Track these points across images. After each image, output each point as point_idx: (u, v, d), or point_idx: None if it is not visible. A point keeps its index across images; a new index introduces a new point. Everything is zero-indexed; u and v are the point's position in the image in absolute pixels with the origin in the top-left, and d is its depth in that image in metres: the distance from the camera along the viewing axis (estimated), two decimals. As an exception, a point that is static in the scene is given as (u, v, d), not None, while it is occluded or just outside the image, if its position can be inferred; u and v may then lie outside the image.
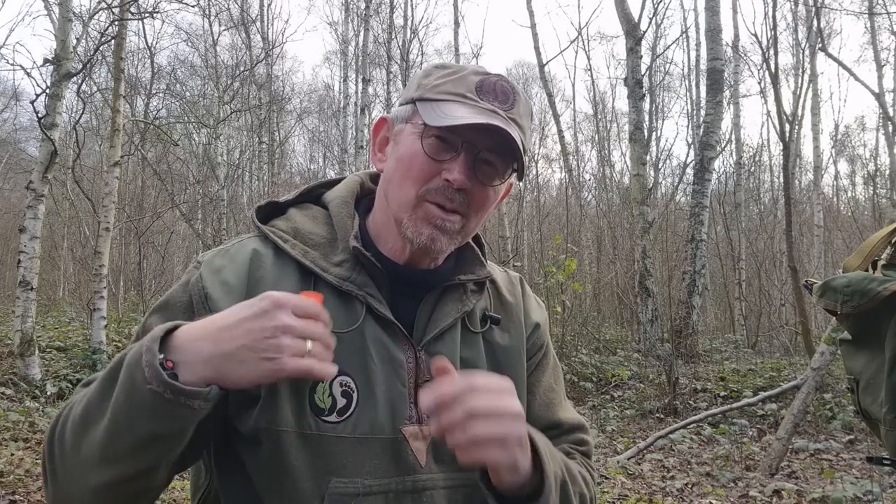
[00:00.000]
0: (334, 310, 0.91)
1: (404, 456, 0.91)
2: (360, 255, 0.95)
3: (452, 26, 18.59)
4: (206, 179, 15.04)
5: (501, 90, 0.95)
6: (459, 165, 0.92)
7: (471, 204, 0.94)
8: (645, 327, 10.20)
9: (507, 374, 1.00)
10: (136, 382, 0.73)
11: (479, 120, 0.90)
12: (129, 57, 14.00)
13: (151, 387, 0.72)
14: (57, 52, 6.88)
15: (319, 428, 0.88)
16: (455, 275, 1.02)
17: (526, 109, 0.98)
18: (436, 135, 0.92)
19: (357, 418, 0.89)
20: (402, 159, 0.95)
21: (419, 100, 0.96)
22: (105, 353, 7.28)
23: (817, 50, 11.29)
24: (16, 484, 3.96)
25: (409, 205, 0.94)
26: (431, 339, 0.97)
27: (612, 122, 23.37)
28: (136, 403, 0.73)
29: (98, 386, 0.78)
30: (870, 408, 1.66)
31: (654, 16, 15.42)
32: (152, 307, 0.96)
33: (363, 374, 0.91)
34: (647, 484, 4.65)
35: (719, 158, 13.97)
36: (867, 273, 1.67)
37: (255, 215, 1.02)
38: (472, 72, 0.96)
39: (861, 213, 18.09)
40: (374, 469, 0.89)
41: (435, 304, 1.00)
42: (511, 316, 1.08)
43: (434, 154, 0.93)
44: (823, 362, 5.22)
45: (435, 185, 0.93)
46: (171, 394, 0.72)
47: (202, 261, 0.96)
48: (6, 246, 16.92)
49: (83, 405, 0.79)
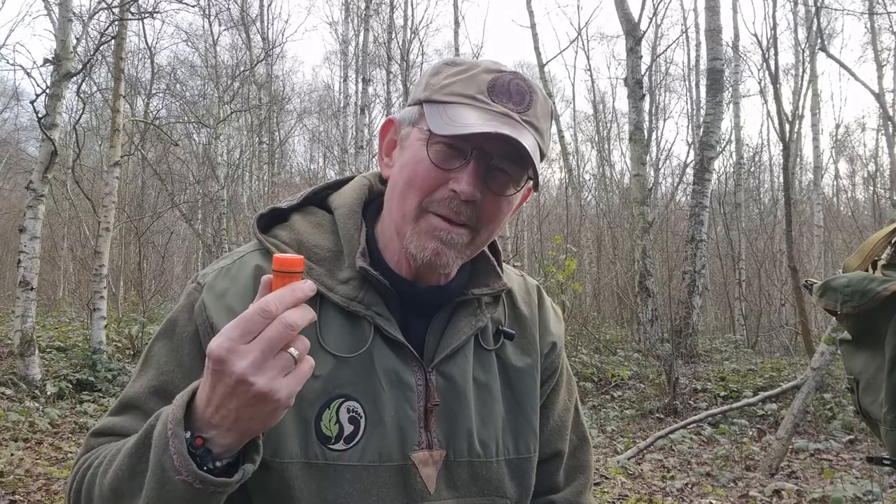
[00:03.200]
0: (341, 332, 0.88)
1: (413, 483, 0.88)
2: (368, 274, 0.90)
3: (452, 26, 18.59)
4: (206, 179, 15.04)
5: (517, 90, 0.87)
6: (468, 175, 0.84)
7: (481, 216, 0.87)
8: (645, 327, 10.20)
9: (519, 397, 0.99)
10: (166, 471, 0.69)
11: (487, 129, 0.82)
12: (129, 57, 14.01)
13: (181, 477, 0.69)
14: (57, 52, 6.88)
15: (326, 456, 0.85)
16: (469, 288, 0.96)
17: (544, 109, 0.90)
18: (443, 141, 0.85)
19: (364, 445, 0.86)
20: (405, 167, 0.88)
21: (426, 101, 0.88)
22: (105, 353, 7.28)
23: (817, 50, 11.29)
24: (16, 484, 3.96)
25: (412, 216, 0.87)
26: (443, 359, 0.92)
27: (612, 122, 23.38)
28: (168, 492, 0.70)
29: (127, 460, 0.75)
30: (870, 408, 1.66)
31: (654, 16, 15.44)
32: (157, 332, 0.92)
33: (371, 399, 0.87)
34: (647, 484, 4.65)
35: (719, 158, 13.99)
36: (867, 273, 1.67)
37: (257, 224, 0.96)
38: (483, 69, 0.88)
39: (861, 213, 18.10)
40: (381, 498, 0.86)
41: (447, 321, 0.94)
42: (525, 332, 1.02)
43: (441, 162, 0.85)
44: (823, 362, 5.22)
45: (440, 196, 0.85)
46: (202, 484, 0.69)
47: (203, 283, 0.90)
48: (6, 246, 16.93)
49: (112, 477, 0.76)
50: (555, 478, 1.06)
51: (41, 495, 3.87)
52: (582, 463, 1.10)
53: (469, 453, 0.92)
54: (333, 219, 0.96)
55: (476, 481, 0.93)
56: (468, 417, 0.93)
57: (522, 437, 0.98)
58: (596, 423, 6.60)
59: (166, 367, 0.88)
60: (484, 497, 0.93)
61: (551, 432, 1.04)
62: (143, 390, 0.88)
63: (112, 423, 0.88)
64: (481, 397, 0.95)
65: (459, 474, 0.92)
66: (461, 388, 0.93)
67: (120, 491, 0.75)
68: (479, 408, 0.94)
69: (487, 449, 0.94)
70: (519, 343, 1.00)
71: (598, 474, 4.76)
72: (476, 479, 0.93)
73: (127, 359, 8.04)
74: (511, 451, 0.96)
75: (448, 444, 0.91)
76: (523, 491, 0.97)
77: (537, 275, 9.83)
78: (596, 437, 6.09)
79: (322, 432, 0.85)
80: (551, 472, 1.05)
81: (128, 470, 0.74)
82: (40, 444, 4.94)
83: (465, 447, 0.92)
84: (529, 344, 1.01)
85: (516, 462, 0.97)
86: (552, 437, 1.05)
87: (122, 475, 0.75)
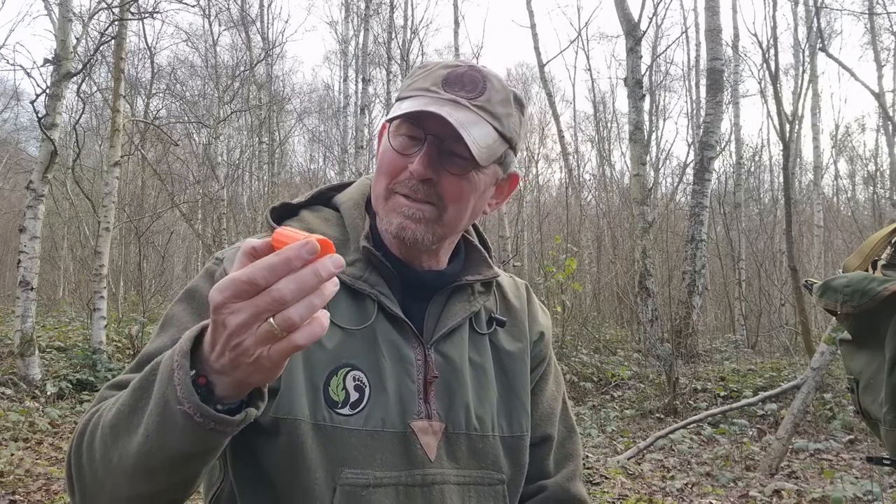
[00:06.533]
0: (347, 308, 0.95)
1: (413, 450, 0.93)
2: (371, 255, 0.98)
3: (452, 26, 18.60)
4: (206, 179, 15.03)
5: (470, 79, 0.95)
6: (420, 157, 0.94)
7: (443, 195, 0.95)
8: (645, 327, 10.19)
9: (512, 379, 1.05)
10: (168, 403, 0.69)
11: (415, 108, 0.91)
12: (129, 57, 13.98)
13: (183, 408, 0.68)
14: (57, 52, 6.88)
15: (333, 420, 0.90)
16: (462, 276, 1.05)
17: (502, 96, 0.96)
18: (405, 133, 0.95)
19: (369, 412, 0.92)
20: (378, 157, 1.00)
21: (397, 99, 1.00)
22: (105, 353, 7.28)
23: (817, 50, 11.29)
24: (16, 484, 3.96)
25: (382, 197, 0.98)
26: (440, 337, 1.00)
27: (612, 122, 23.40)
28: (168, 423, 0.70)
29: (130, 395, 0.75)
30: (870, 408, 1.66)
31: (654, 16, 15.42)
32: (175, 300, 0.97)
33: (374, 369, 0.94)
34: (647, 484, 4.65)
35: (719, 158, 13.99)
36: (867, 273, 1.67)
37: (270, 215, 1.04)
38: (442, 66, 0.97)
39: (861, 213, 18.10)
40: (385, 461, 0.91)
41: (444, 304, 1.03)
42: (516, 321, 1.10)
43: (401, 149, 0.96)
44: (823, 362, 5.22)
45: (402, 178, 0.96)
46: (202, 418, 0.68)
47: (223, 257, 0.98)
48: (6, 246, 16.94)
49: (114, 413, 0.76)
50: (545, 463, 1.10)
51: (41, 495, 3.87)
52: (571, 452, 1.15)
53: (467, 426, 0.98)
54: (339, 215, 1.05)
55: (474, 455, 0.99)
56: (465, 394, 0.99)
57: (516, 417, 1.04)
58: (596, 423, 6.60)
59: (187, 325, 0.89)
60: (482, 470, 0.99)
61: (540, 417, 1.10)
62: (162, 346, 0.90)
63: (129, 377, 0.89)
64: (476, 376, 1.02)
65: (459, 446, 0.98)
66: (458, 366, 1.00)
67: (119, 427, 0.75)
68: (475, 386, 1.01)
69: (484, 424, 1.00)
70: (510, 330, 1.08)
71: (598, 474, 4.76)
72: (474, 453, 0.99)
73: (127, 359, 8.03)
74: (505, 430, 1.02)
75: (447, 418, 0.97)
76: (517, 469, 1.02)
77: (537, 275, 9.84)
78: (596, 437, 6.09)
79: (330, 397, 0.91)
80: (542, 458, 1.10)
81: (130, 405, 0.75)
82: (40, 445, 4.94)
83: (463, 420, 0.98)
84: (519, 331, 1.09)
85: (510, 440, 1.02)
86: (541, 422, 1.10)
87: (123, 411, 0.75)
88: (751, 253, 13.75)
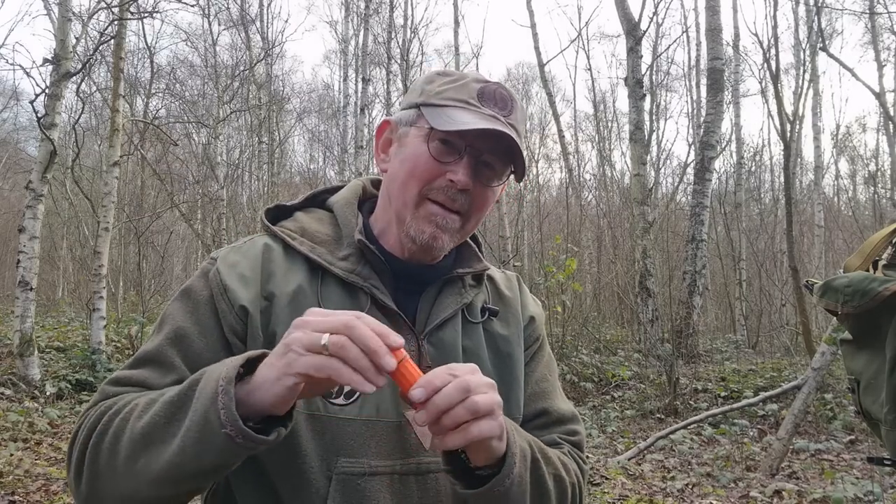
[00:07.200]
0: (341, 301, 0.98)
1: (407, 439, 0.95)
2: (365, 249, 1.01)
3: (452, 26, 18.63)
4: (205, 179, 15.02)
5: (500, 97, 1.00)
6: (464, 168, 0.97)
7: (472, 204, 1.00)
8: (645, 327, 10.18)
9: (506, 360, 1.08)
10: (210, 423, 0.76)
11: (485, 125, 0.95)
12: (128, 57, 14.00)
13: (226, 431, 0.75)
14: (56, 51, 6.88)
15: (327, 410, 0.92)
16: (454, 269, 1.08)
17: (522, 115, 1.04)
18: (441, 138, 0.97)
19: (363, 402, 0.94)
20: (406, 160, 1.00)
21: (424, 105, 1.01)
22: (104, 354, 7.28)
23: (818, 49, 11.28)
24: (15, 484, 3.96)
25: (412, 203, 0.99)
26: (433, 328, 1.02)
27: (612, 122, 23.40)
28: (208, 442, 0.76)
29: (165, 408, 0.81)
30: (870, 408, 1.65)
31: (655, 15, 15.41)
32: (172, 299, 1.00)
33: None
34: (647, 484, 4.64)
35: (720, 158, 13.99)
36: (868, 273, 1.66)
37: (265, 215, 1.08)
38: (473, 79, 1.02)
39: (862, 213, 18.10)
40: (379, 450, 0.93)
41: (435, 296, 1.05)
42: (509, 308, 1.13)
43: (439, 156, 0.98)
44: (824, 362, 5.21)
45: (438, 185, 0.98)
46: (243, 439, 0.76)
47: (217, 257, 1.01)
48: (6, 246, 16.94)
49: (146, 422, 0.81)
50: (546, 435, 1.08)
51: (40, 495, 3.86)
52: None
53: None
54: (332, 216, 1.08)
55: None
56: None
57: (514, 398, 1.06)
58: (596, 423, 6.60)
59: (183, 323, 0.95)
60: None
61: (530, 396, 1.10)
62: (160, 344, 0.94)
63: (129, 374, 0.94)
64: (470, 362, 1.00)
65: None
66: (451, 354, 1.02)
67: (152, 436, 0.80)
68: None
69: None
70: (503, 317, 1.11)
71: (598, 475, 4.75)
72: None
73: (126, 359, 8.03)
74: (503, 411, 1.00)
75: None
76: None
77: (537, 275, 9.83)
78: (596, 437, 6.08)
79: None
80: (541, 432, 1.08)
81: (165, 417, 0.80)
82: (40, 445, 4.94)
83: None
84: (512, 317, 1.13)
85: None
86: (531, 400, 1.10)
87: (157, 421, 0.80)
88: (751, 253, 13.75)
